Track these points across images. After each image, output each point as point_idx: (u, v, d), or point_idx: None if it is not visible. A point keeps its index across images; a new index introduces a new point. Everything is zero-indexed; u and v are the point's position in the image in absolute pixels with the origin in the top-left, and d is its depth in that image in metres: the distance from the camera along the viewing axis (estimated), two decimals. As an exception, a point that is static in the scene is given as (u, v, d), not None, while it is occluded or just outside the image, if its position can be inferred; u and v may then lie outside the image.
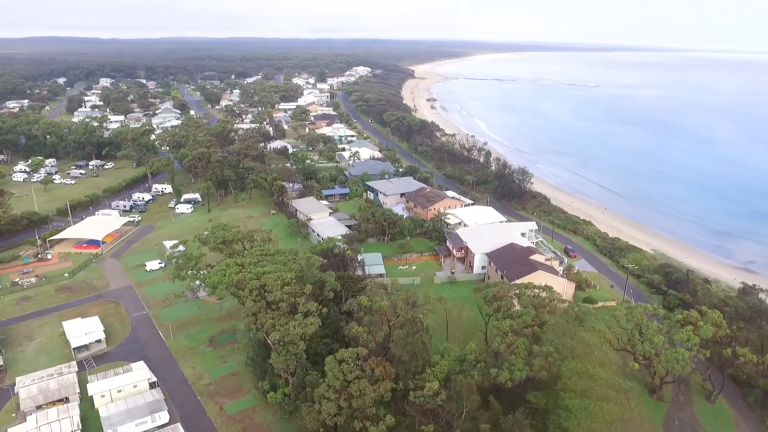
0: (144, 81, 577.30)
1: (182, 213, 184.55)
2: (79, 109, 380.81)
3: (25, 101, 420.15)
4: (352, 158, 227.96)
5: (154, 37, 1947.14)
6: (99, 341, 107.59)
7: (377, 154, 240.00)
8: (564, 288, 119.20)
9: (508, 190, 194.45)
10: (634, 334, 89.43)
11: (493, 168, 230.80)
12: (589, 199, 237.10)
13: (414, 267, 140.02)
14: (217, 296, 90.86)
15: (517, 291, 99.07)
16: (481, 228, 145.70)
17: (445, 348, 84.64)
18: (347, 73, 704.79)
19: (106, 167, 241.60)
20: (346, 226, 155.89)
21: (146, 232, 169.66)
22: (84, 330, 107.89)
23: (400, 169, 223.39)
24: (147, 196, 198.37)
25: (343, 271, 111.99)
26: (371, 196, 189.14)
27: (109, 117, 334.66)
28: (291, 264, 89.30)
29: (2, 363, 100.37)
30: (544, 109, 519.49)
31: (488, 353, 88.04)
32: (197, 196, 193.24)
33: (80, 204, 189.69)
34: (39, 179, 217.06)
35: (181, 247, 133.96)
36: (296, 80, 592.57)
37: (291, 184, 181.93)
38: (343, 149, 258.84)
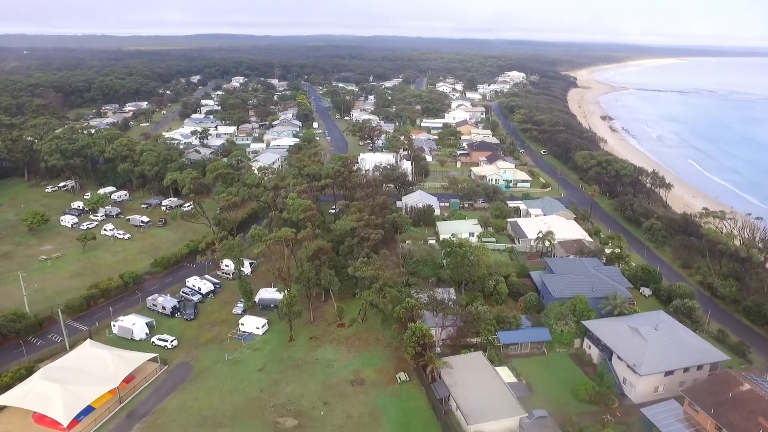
0: (275, 81, 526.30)
1: (248, 335, 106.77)
2: (192, 116, 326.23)
3: (144, 103, 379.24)
4: (540, 240, 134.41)
5: (303, 34, 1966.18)
6: None
7: (582, 234, 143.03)
8: None
9: None
10: None
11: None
12: None
13: None
14: None
15: None
16: None
17: None
18: (500, 79, 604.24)
19: (186, 207, 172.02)
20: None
21: (174, 383, 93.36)
22: None
23: (630, 266, 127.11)
24: (206, 286, 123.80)
25: None
26: (589, 349, 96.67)
27: (212, 131, 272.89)
28: None
29: None
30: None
31: None
32: (280, 296, 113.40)
33: (104, 292, 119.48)
34: (85, 228, 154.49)
35: None
36: (441, 86, 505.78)
37: (440, 317, 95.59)
38: (518, 210, 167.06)
